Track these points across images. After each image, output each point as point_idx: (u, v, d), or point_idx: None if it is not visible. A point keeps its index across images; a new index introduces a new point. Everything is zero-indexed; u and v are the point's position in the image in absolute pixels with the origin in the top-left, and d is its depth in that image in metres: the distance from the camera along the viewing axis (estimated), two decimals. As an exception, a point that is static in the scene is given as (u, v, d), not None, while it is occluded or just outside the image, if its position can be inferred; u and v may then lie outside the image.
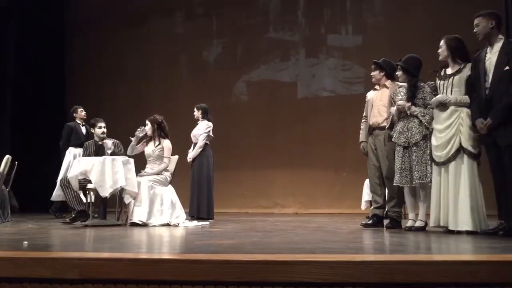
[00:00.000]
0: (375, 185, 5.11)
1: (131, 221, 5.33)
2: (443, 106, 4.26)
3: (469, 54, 4.29)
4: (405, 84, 4.78)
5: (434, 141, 4.32)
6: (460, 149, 4.15)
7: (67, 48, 10.12)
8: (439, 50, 4.36)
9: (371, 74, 5.23)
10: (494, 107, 3.88)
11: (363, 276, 2.16)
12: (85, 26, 10.03)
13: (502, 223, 3.93)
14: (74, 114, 7.28)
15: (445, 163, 4.20)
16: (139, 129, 5.76)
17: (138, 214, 5.34)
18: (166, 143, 5.83)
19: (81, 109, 7.30)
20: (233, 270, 2.23)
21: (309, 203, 8.75)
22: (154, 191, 5.52)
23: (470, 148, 4.13)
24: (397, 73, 4.82)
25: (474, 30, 4.05)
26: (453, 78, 4.24)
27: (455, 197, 4.13)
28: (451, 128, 4.19)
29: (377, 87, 5.20)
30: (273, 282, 2.18)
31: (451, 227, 4.14)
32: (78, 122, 7.24)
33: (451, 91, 4.24)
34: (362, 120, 5.27)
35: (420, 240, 3.72)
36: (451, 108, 4.22)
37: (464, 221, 4.06)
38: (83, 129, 7.23)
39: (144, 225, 5.27)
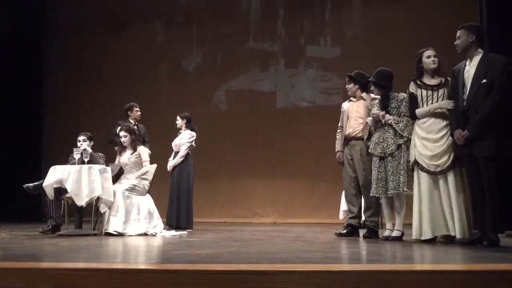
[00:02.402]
0: (351, 195, 5.14)
1: (106, 231, 5.25)
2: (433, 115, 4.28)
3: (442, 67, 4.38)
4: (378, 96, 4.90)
5: (426, 151, 4.28)
6: (457, 158, 4.16)
7: (46, 52, 9.97)
8: (435, 59, 4.31)
9: (346, 87, 5.33)
10: (470, 118, 3.94)
11: (341, 285, 2.16)
12: (64, 31, 9.91)
13: (477, 233, 4.00)
14: (129, 112, 6.61)
15: (443, 172, 4.20)
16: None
17: (113, 224, 5.27)
18: (142, 149, 5.83)
19: (137, 109, 6.65)
20: (211, 280, 2.21)
21: (288, 212, 8.75)
22: (131, 200, 5.46)
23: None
24: (371, 88, 4.97)
25: (455, 42, 4.10)
26: (444, 89, 4.29)
27: (459, 205, 4.11)
28: (448, 137, 4.19)
29: (353, 98, 5.27)
30: (251, 292, 2.17)
31: (458, 236, 4.10)
32: (131, 121, 6.57)
33: (442, 100, 4.27)
34: (338, 130, 5.33)
35: (397, 250, 3.75)
36: (443, 117, 4.24)
37: (465, 230, 4.08)
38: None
39: (120, 235, 5.20)
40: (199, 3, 9.73)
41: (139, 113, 6.68)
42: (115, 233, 5.20)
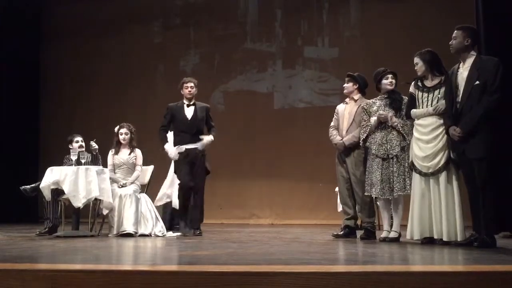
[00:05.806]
0: (345, 196, 5.15)
1: (123, 232, 5.26)
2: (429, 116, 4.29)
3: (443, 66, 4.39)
4: (368, 100, 4.94)
5: (419, 152, 4.28)
6: (450, 160, 4.17)
7: (43, 54, 9.95)
8: (416, 67, 4.38)
9: (344, 86, 5.33)
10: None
11: (338, 287, 2.17)
12: (61, 33, 9.89)
13: (474, 234, 4.00)
14: (181, 91, 5.73)
15: (434, 173, 4.19)
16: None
17: (127, 224, 5.29)
18: (138, 152, 5.88)
19: (187, 84, 5.67)
20: (208, 282, 2.21)
21: (285, 213, 8.75)
22: (139, 198, 5.52)
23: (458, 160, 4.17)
24: (385, 81, 4.83)
25: (450, 42, 4.10)
26: (439, 90, 4.28)
27: (447, 207, 4.11)
28: (440, 139, 4.19)
29: (347, 100, 5.29)
30: (249, 294, 2.17)
31: (445, 238, 4.09)
32: (185, 101, 5.68)
33: (437, 102, 4.26)
34: (331, 129, 5.30)
35: (394, 251, 3.76)
36: (437, 118, 4.25)
37: (460, 232, 4.07)
38: (189, 111, 5.66)
39: (133, 234, 5.24)
40: (196, 5, 9.73)
41: (188, 90, 5.72)
42: (132, 232, 5.24)
